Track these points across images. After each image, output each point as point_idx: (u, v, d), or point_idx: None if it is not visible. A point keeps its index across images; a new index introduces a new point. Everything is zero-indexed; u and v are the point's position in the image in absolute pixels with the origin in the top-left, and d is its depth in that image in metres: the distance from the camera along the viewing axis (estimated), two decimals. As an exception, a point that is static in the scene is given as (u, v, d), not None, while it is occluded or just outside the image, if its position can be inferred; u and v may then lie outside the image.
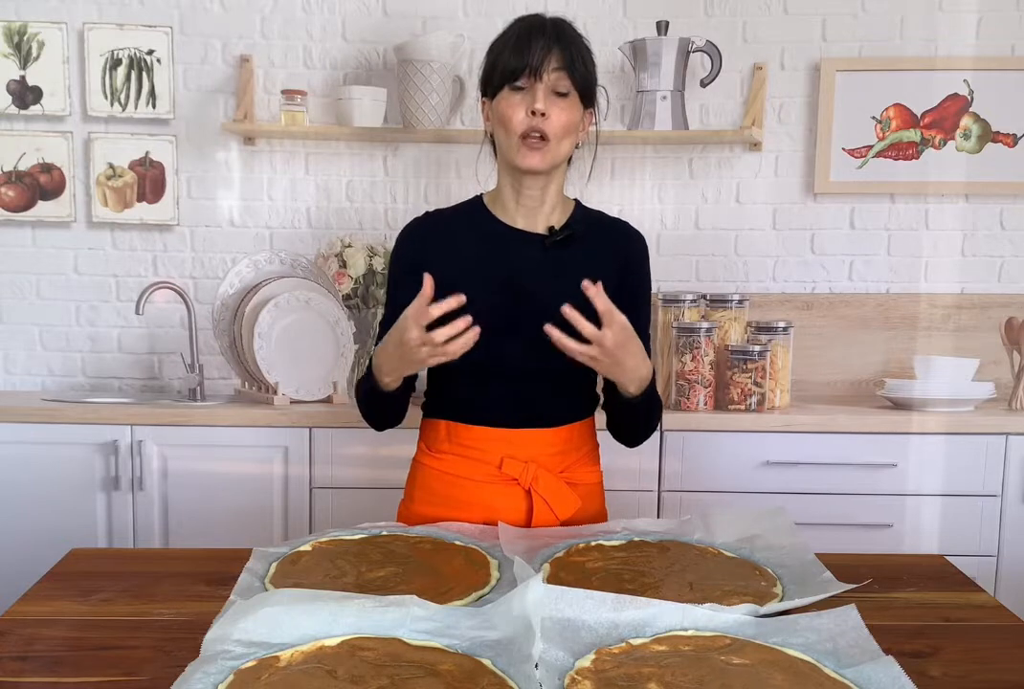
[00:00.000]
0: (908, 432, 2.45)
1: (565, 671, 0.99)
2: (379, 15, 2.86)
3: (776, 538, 1.43)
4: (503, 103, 1.50)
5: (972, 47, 2.81)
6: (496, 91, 1.52)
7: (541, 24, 1.51)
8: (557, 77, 1.49)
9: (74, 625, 1.16)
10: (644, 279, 1.65)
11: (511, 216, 1.60)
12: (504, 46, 1.51)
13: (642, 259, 1.65)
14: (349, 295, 2.71)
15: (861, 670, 1.00)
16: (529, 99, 1.48)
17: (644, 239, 1.67)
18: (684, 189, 2.90)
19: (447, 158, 2.90)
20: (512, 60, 1.48)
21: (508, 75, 1.49)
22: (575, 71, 1.49)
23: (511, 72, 1.48)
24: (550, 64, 1.47)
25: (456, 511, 1.56)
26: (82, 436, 2.45)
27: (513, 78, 1.49)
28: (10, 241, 2.89)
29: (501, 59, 1.50)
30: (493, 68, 1.52)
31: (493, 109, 1.54)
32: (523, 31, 1.50)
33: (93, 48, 2.81)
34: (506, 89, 1.50)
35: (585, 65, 1.52)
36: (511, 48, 1.49)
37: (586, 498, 1.62)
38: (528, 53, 1.47)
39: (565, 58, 1.48)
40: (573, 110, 1.52)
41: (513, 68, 1.48)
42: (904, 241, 2.89)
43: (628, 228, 1.67)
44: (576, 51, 1.50)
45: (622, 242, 1.64)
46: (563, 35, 1.50)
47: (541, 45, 1.47)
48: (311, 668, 0.98)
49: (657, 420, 1.63)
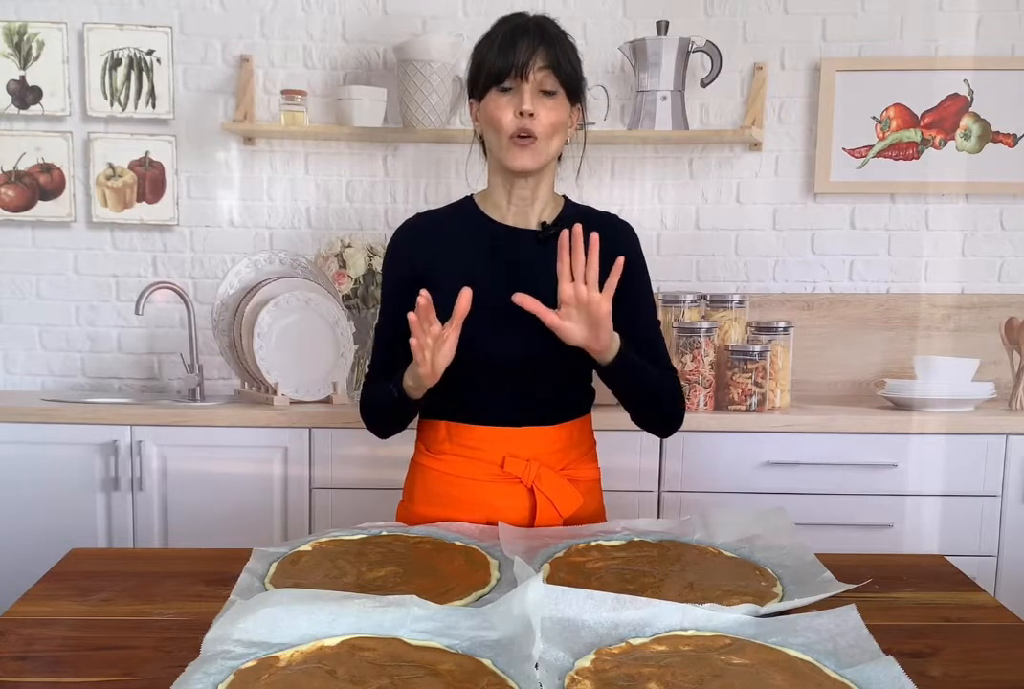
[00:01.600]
0: (908, 432, 2.45)
1: (565, 671, 0.99)
2: (379, 15, 2.86)
3: (776, 538, 1.43)
4: (491, 105, 1.51)
5: (972, 47, 2.81)
6: (483, 92, 1.53)
7: (524, 24, 1.52)
8: (543, 76, 1.49)
9: (74, 625, 1.16)
10: (642, 269, 1.66)
11: (503, 214, 1.61)
12: (489, 47, 1.52)
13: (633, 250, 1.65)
14: (349, 295, 2.71)
15: (861, 670, 1.00)
16: (516, 100, 1.49)
17: (632, 229, 1.67)
18: (684, 189, 2.90)
19: (447, 158, 2.90)
20: (498, 61, 1.49)
21: (494, 76, 1.50)
22: (560, 69, 1.50)
23: (497, 73, 1.49)
24: (535, 64, 1.48)
25: (459, 511, 1.56)
26: (82, 436, 2.45)
27: (499, 79, 1.50)
28: (10, 241, 2.89)
29: (487, 60, 1.51)
30: (479, 70, 1.53)
31: (482, 110, 1.55)
32: (507, 32, 1.51)
33: (93, 48, 2.81)
34: (493, 90, 1.51)
35: (571, 63, 1.52)
36: (496, 49, 1.50)
37: (586, 495, 1.62)
38: (513, 54, 1.48)
39: (550, 57, 1.49)
40: (561, 108, 1.52)
41: (499, 69, 1.49)
42: (904, 241, 2.89)
43: (616, 220, 1.67)
44: (561, 49, 1.51)
45: (611, 235, 1.64)
46: (547, 34, 1.51)
47: (526, 45, 1.48)
48: (311, 668, 0.98)
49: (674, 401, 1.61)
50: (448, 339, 1.43)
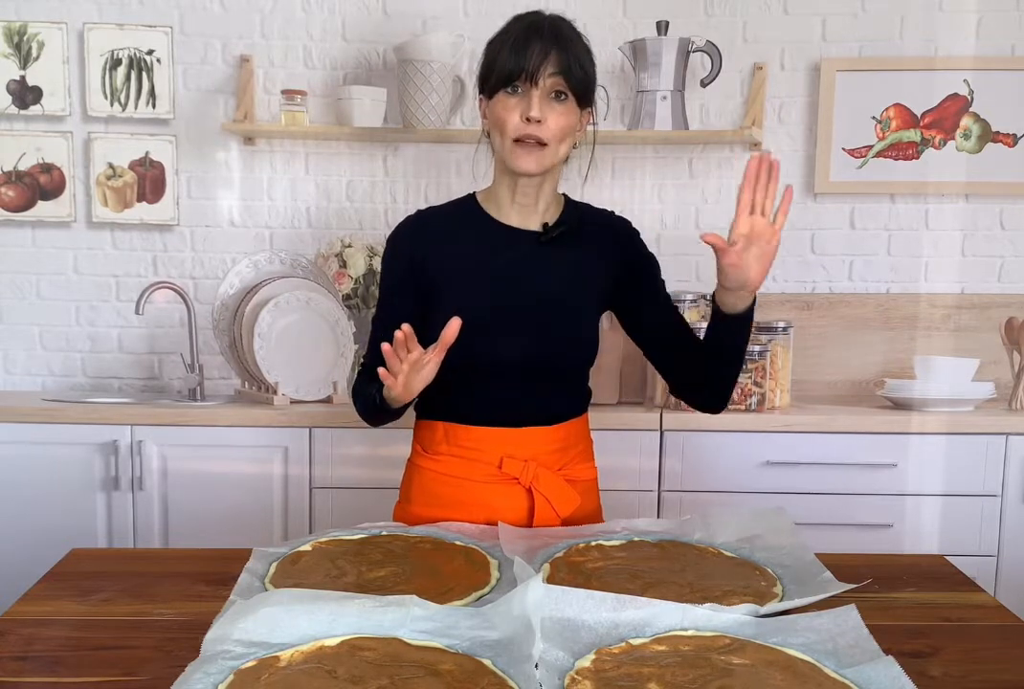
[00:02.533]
0: (908, 432, 2.45)
1: (565, 671, 0.99)
2: (379, 15, 2.86)
3: (776, 538, 1.43)
4: (499, 106, 1.49)
5: (972, 47, 2.81)
6: (493, 92, 1.50)
7: (539, 25, 1.48)
8: (554, 82, 1.47)
9: (74, 625, 1.16)
10: (649, 258, 1.67)
11: (505, 214, 1.59)
12: (502, 46, 1.49)
13: (635, 245, 1.67)
14: (349, 295, 2.72)
15: (861, 670, 1.00)
16: (525, 104, 1.47)
17: (630, 223, 1.68)
18: (684, 189, 2.90)
19: (447, 158, 2.89)
20: (509, 62, 1.46)
21: (504, 78, 1.47)
22: (572, 75, 1.47)
23: (507, 75, 1.47)
24: (547, 69, 1.45)
25: (457, 512, 1.56)
26: (82, 436, 2.45)
27: (509, 81, 1.47)
28: (10, 241, 2.89)
29: (499, 60, 1.48)
30: (490, 68, 1.50)
31: (490, 110, 1.52)
32: (521, 32, 1.48)
33: (93, 48, 2.81)
34: (502, 92, 1.49)
35: (583, 67, 1.49)
36: (508, 49, 1.47)
37: (583, 495, 1.62)
38: (525, 56, 1.45)
39: (562, 62, 1.46)
40: (570, 113, 1.50)
41: (510, 71, 1.46)
42: (904, 241, 2.89)
43: (613, 217, 1.68)
44: (574, 54, 1.48)
45: (610, 234, 1.65)
46: (561, 37, 1.48)
47: (538, 48, 1.45)
48: (311, 668, 0.98)
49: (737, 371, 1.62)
50: (429, 363, 1.40)
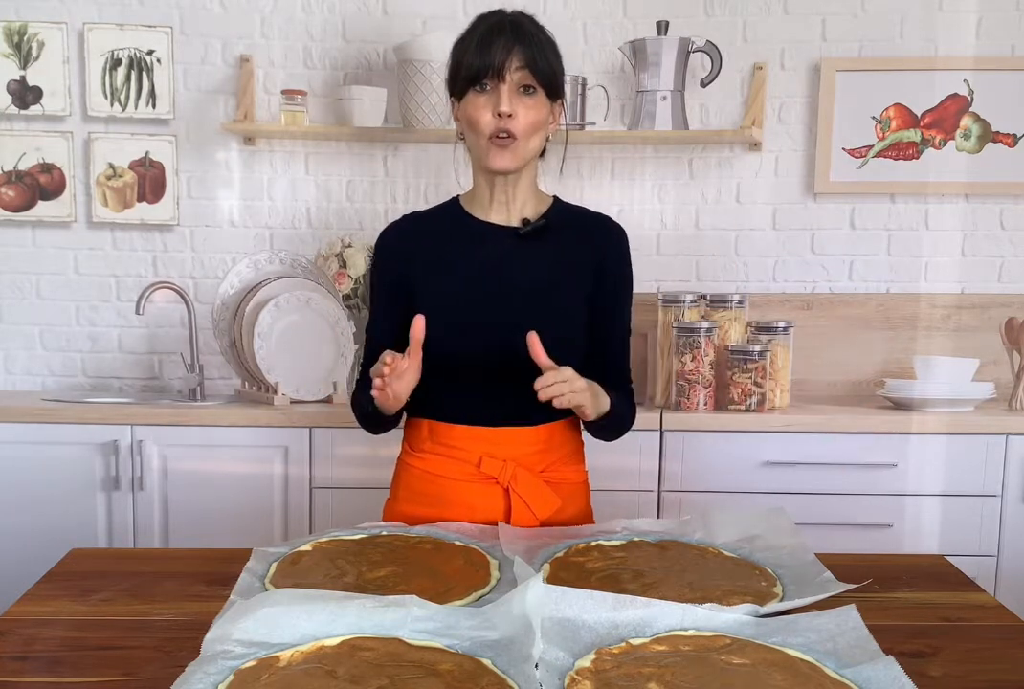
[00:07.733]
0: (908, 432, 2.45)
1: (565, 671, 0.99)
2: (379, 15, 2.86)
3: (776, 538, 1.43)
4: (469, 105, 1.51)
5: (972, 47, 2.81)
6: (462, 93, 1.52)
7: (500, 22, 1.50)
8: (520, 76, 1.48)
9: (74, 625, 1.16)
10: (625, 278, 1.64)
11: (486, 212, 1.61)
12: (466, 48, 1.51)
13: (620, 256, 1.64)
14: (349, 295, 2.72)
15: (861, 670, 1.00)
16: (494, 100, 1.49)
17: (624, 233, 1.65)
18: (684, 189, 2.90)
19: (447, 158, 2.88)
20: (474, 62, 1.48)
21: (472, 76, 1.49)
22: (538, 68, 1.49)
23: (474, 74, 1.49)
24: (512, 64, 1.47)
25: (437, 510, 1.57)
26: (82, 436, 2.45)
27: (476, 80, 1.49)
28: (10, 241, 2.88)
29: (465, 60, 1.50)
30: (457, 69, 1.52)
31: (461, 111, 1.54)
32: (484, 32, 1.50)
33: (93, 48, 2.81)
34: (471, 91, 1.50)
35: (548, 60, 1.51)
36: (473, 49, 1.49)
37: (569, 497, 1.62)
38: (490, 54, 1.47)
39: (527, 56, 1.48)
40: (540, 107, 1.51)
41: (476, 70, 1.48)
42: (904, 241, 2.89)
43: (608, 222, 1.66)
44: (538, 47, 1.49)
45: (600, 236, 1.63)
46: (523, 32, 1.49)
47: (502, 45, 1.47)
48: (311, 668, 0.98)
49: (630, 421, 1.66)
50: (408, 368, 1.43)
